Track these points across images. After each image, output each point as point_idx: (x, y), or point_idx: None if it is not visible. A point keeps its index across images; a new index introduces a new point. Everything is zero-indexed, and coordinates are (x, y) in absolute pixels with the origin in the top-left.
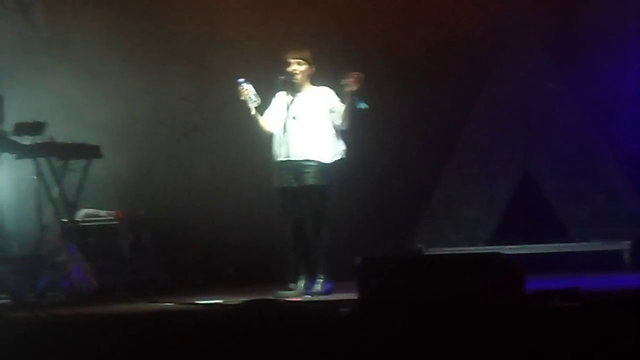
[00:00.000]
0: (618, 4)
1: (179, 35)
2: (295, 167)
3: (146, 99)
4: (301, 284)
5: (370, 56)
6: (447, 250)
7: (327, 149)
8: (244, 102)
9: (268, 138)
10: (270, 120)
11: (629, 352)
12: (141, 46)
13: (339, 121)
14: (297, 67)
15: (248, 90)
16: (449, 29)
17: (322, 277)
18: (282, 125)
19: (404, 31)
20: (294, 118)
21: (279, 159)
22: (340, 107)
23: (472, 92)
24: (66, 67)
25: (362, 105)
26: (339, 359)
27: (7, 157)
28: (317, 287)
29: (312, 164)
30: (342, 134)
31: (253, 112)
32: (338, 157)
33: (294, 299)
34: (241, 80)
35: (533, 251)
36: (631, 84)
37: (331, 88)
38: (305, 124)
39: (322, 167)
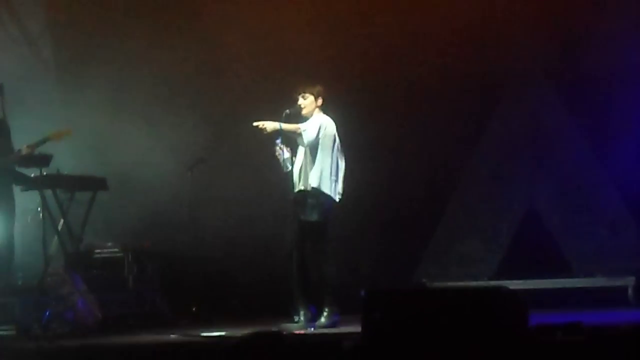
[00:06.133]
0: (621, 37)
1: (184, 67)
2: (298, 200)
3: (151, 131)
4: (305, 316)
5: (376, 91)
6: (451, 285)
7: (328, 182)
8: (278, 160)
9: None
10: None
11: None
12: (147, 79)
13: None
14: (302, 101)
15: (282, 151)
16: (452, 66)
17: (327, 309)
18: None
19: (408, 68)
20: (298, 151)
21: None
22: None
23: (476, 127)
24: (73, 98)
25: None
26: None
27: (14, 189)
28: (322, 320)
29: (310, 197)
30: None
31: (286, 170)
32: (339, 190)
33: (298, 332)
34: (278, 141)
35: (537, 286)
36: (634, 118)
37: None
38: (307, 156)
39: (320, 201)
